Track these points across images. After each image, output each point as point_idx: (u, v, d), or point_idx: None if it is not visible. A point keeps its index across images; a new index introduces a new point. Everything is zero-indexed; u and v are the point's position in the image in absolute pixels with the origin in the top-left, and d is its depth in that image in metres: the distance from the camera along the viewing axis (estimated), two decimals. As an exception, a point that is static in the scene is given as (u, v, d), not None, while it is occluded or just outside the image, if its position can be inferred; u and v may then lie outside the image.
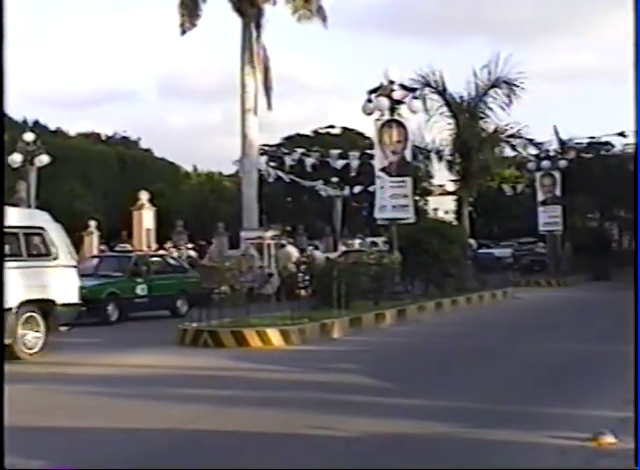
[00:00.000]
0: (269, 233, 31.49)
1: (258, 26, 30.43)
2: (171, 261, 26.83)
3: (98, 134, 65.57)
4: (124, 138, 66.74)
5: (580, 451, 7.86)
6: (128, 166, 56.70)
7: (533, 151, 42.45)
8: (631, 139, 42.57)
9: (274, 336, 16.71)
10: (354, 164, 45.60)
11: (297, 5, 30.24)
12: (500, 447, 8.19)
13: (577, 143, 47.96)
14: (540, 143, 41.18)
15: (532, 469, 7.53)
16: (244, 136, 30.85)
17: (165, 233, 39.90)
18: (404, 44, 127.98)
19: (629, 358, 14.57)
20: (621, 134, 39.97)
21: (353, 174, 47.84)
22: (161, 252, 32.67)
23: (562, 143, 45.39)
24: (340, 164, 46.84)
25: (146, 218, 38.44)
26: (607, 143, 49.13)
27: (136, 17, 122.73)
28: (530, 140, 39.07)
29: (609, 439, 8.08)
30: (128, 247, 34.81)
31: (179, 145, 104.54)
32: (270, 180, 46.46)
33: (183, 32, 30.52)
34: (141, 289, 23.32)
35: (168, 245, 35.80)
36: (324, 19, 30.83)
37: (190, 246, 37.24)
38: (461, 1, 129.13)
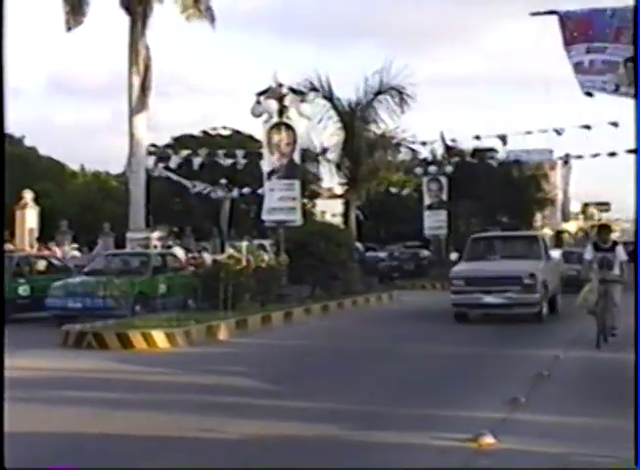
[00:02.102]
0: (156, 234, 31.25)
1: (145, 25, 30.07)
2: (55, 262, 26.35)
3: (-21, 131, 63.84)
4: (7, 135, 65.20)
5: (461, 452, 8.02)
6: (11, 164, 55.41)
7: (421, 155, 43.04)
8: (512, 146, 43.33)
9: (159, 338, 16.57)
10: (243, 165, 45.46)
11: (185, 4, 29.98)
12: (383, 449, 8.29)
13: (461, 149, 48.77)
14: (425, 143, 41.61)
15: (412, 469, 7.66)
16: (131, 136, 30.47)
17: (50, 233, 39.18)
18: (295, 46, 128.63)
19: (510, 360, 14.94)
20: (502, 138, 40.60)
21: (242, 176, 47.73)
22: (45, 252, 32.09)
23: (448, 148, 46.12)
24: (228, 164, 46.64)
25: (29, 218, 37.67)
26: (491, 149, 50.05)
27: (20, 11, 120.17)
28: (419, 145, 39.62)
29: (488, 439, 8.26)
30: (10, 247, 34.06)
31: (66, 143, 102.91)
32: (157, 180, 46.00)
33: (69, 29, 29.96)
34: (23, 290, 22.84)
35: (52, 245, 35.15)
36: (212, 19, 30.65)
37: (75, 246, 36.65)
38: (352, 7, 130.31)
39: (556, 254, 24.79)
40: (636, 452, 5.55)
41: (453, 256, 28.83)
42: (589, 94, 14.29)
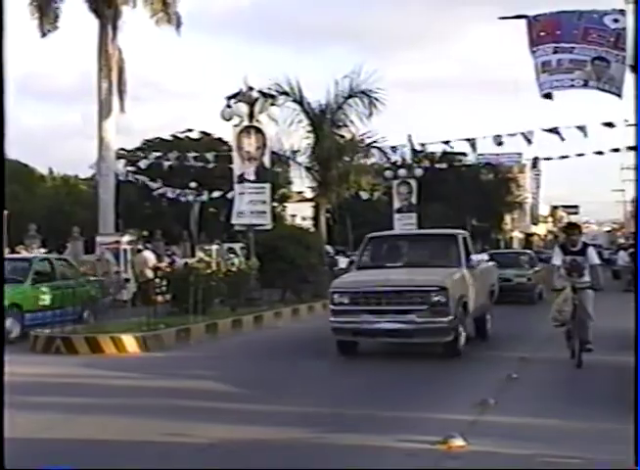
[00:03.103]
0: (125, 238, 31.12)
1: (115, 28, 30.04)
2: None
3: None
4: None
5: (430, 454, 8.04)
6: (-21, 168, 55.00)
7: (392, 159, 43.13)
8: (481, 149, 43.42)
9: (129, 342, 16.51)
10: (212, 168, 45.43)
11: (154, 8, 29.98)
12: (352, 451, 8.30)
13: (431, 152, 48.92)
14: (394, 147, 41.61)
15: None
16: (101, 139, 30.41)
17: (18, 237, 38.90)
18: (266, 50, 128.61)
19: (479, 361, 14.95)
20: (471, 143, 40.60)
21: (212, 179, 47.68)
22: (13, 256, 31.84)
23: (415, 152, 46.23)
24: (198, 167, 46.63)
25: (-3, 222, 37.37)
26: (460, 153, 50.28)
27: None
28: (389, 148, 39.67)
29: (458, 442, 8.29)
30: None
31: (34, 147, 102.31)
32: (127, 184, 45.85)
33: (43, 35, 29.82)
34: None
35: (19, 248, 34.91)
36: (178, 25, 30.71)
37: (43, 250, 36.39)
38: (321, 11, 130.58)
39: (480, 258, 18.01)
40: (636, 453, 5.60)
41: (342, 261, 23.97)
42: (548, 96, 14.45)
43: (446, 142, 41.75)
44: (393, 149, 40.98)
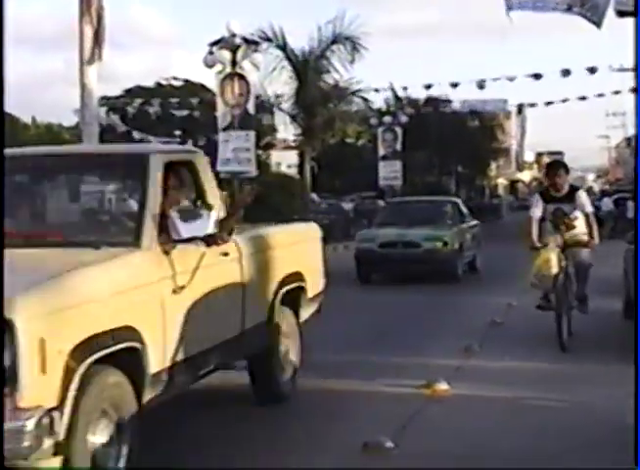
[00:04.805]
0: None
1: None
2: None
3: None
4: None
5: (414, 398, 8.12)
6: (-39, 117, 54.59)
7: (376, 105, 42.96)
8: (466, 96, 43.06)
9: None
10: (197, 116, 45.17)
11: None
12: (336, 396, 8.37)
13: (415, 99, 48.69)
14: (377, 90, 41.23)
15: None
16: (83, 86, 30.08)
17: (1, 186, 38.78)
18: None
19: (463, 309, 15.00)
20: (454, 86, 39.93)
21: (196, 127, 47.45)
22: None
23: (397, 99, 46.00)
24: (182, 115, 46.34)
25: (-20, 171, 37.15)
26: (445, 100, 50.09)
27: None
28: (374, 93, 39.50)
29: (442, 386, 8.38)
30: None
31: (16, 95, 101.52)
32: (111, 132, 45.60)
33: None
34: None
35: None
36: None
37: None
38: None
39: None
40: (636, 452, 5.64)
41: None
42: (510, 9, 14.49)
43: (428, 86, 41.26)
44: (376, 90, 40.45)
